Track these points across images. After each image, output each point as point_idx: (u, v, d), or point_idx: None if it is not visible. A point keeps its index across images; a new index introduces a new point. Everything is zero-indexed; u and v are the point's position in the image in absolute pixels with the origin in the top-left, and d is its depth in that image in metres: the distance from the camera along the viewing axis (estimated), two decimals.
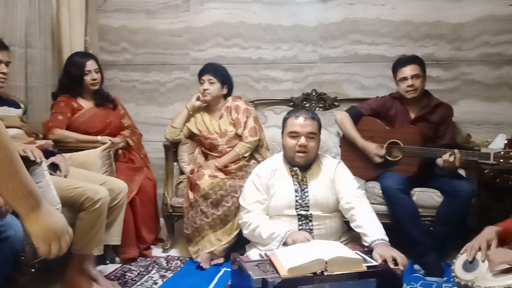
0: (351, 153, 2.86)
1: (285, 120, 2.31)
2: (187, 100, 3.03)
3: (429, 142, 2.76)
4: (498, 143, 2.94)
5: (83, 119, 2.86)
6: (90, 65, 2.86)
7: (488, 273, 1.65)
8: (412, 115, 2.79)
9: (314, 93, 3.37)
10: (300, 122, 2.23)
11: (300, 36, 3.42)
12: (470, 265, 1.78)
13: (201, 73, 2.93)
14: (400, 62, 2.75)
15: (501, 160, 2.40)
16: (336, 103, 3.33)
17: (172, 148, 2.96)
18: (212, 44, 3.52)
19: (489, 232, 1.85)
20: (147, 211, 2.84)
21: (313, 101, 3.36)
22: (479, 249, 1.79)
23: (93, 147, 2.67)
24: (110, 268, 2.60)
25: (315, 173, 2.28)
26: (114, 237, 2.46)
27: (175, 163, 3.00)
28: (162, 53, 3.60)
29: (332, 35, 3.38)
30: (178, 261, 2.72)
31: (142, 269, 2.59)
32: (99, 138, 2.80)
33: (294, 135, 2.23)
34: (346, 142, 2.92)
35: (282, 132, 2.31)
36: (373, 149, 2.74)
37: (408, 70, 2.69)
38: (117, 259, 2.68)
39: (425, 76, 2.77)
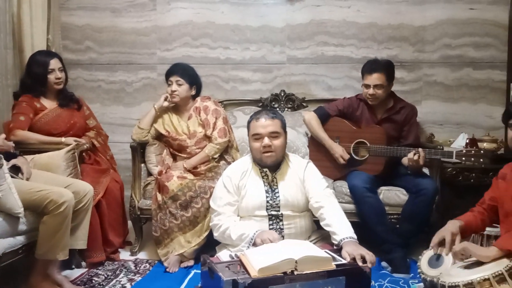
0: (320, 153, 2.90)
1: (248, 123, 2.33)
2: (155, 100, 2.99)
3: (394, 141, 2.84)
4: (459, 142, 3.06)
5: (46, 120, 2.78)
6: (54, 63, 2.78)
7: (452, 269, 1.71)
8: (378, 116, 2.86)
9: (282, 94, 3.40)
10: (261, 123, 2.24)
11: (268, 37, 3.44)
12: (435, 261, 1.84)
13: (169, 74, 2.90)
14: (368, 69, 2.78)
15: (463, 159, 2.49)
16: (304, 104, 3.37)
17: (139, 149, 2.91)
18: (179, 43, 3.49)
19: (453, 226, 1.92)
20: (114, 214, 2.79)
21: (282, 102, 3.39)
22: (443, 242, 1.86)
23: (57, 148, 2.61)
24: (76, 273, 2.53)
25: (284, 174, 2.30)
26: (80, 241, 2.40)
27: (142, 165, 2.95)
28: (128, 52, 3.54)
29: (299, 37, 3.41)
30: (147, 264, 2.68)
31: (110, 273, 2.53)
32: (63, 139, 2.73)
33: (258, 137, 2.24)
34: (314, 142, 2.96)
35: (248, 136, 2.32)
36: (339, 150, 2.79)
37: (372, 79, 2.73)
38: (83, 263, 2.62)
39: (391, 82, 2.81)
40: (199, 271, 2.09)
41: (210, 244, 2.47)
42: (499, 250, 1.62)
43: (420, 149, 2.57)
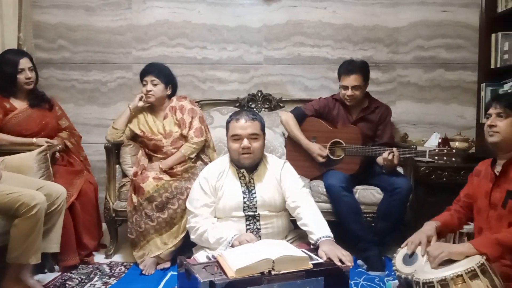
0: (296, 153, 2.92)
1: (227, 123, 2.31)
2: (130, 100, 2.95)
3: (369, 141, 2.88)
4: (432, 142, 3.13)
5: (17, 121, 2.71)
6: (24, 63, 2.71)
7: (426, 266, 1.74)
8: (353, 116, 2.90)
9: (259, 94, 3.40)
10: (241, 125, 2.23)
11: (245, 37, 3.44)
12: (409, 258, 1.87)
13: (143, 74, 2.86)
14: (345, 70, 2.80)
15: (436, 158, 2.54)
16: (281, 104, 3.39)
17: (114, 150, 2.87)
18: (156, 43, 3.46)
19: (429, 228, 1.97)
20: (88, 216, 2.74)
21: (259, 102, 3.39)
22: (419, 243, 1.89)
23: (28, 150, 2.55)
24: (49, 277, 2.48)
25: (262, 174, 2.30)
26: (53, 244, 2.35)
27: (117, 166, 2.91)
28: (103, 52, 3.48)
29: (276, 37, 3.43)
30: (122, 267, 2.64)
31: (84, 277, 2.49)
32: (34, 140, 2.68)
33: (237, 138, 2.23)
34: (291, 142, 2.97)
35: (227, 136, 2.31)
36: (316, 149, 2.81)
37: (350, 81, 2.77)
38: (57, 267, 2.57)
39: (367, 82, 2.86)
40: (176, 273, 2.08)
41: (187, 245, 2.45)
42: (472, 248, 1.65)
43: (394, 149, 2.61)
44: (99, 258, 2.77)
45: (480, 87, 3.17)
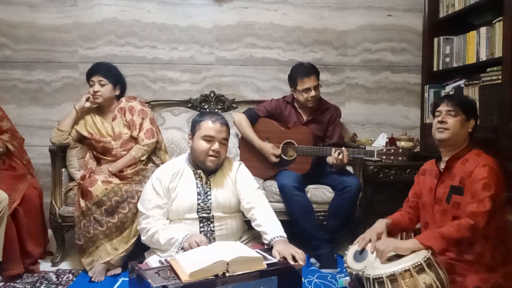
0: (250, 154, 2.93)
1: (198, 122, 2.25)
2: (77, 101, 2.84)
3: (320, 141, 2.94)
4: (380, 142, 3.24)
5: None
6: None
7: (376, 262, 1.80)
8: (304, 117, 2.95)
9: (212, 95, 3.38)
10: (216, 127, 2.20)
11: (197, 38, 3.41)
12: (360, 255, 1.93)
13: (90, 74, 2.77)
14: (303, 73, 2.85)
15: (383, 157, 2.63)
16: (234, 105, 3.39)
17: (59, 153, 2.76)
18: (103, 42, 3.36)
19: (380, 225, 2.04)
20: (32, 223, 2.63)
21: (212, 103, 3.38)
22: (370, 240, 1.95)
23: None
24: None
25: (218, 176, 2.28)
26: None
27: (63, 169, 2.80)
28: (48, 50, 3.34)
29: (228, 38, 3.42)
30: (70, 275, 2.55)
31: (29, 286, 2.38)
32: None
33: (209, 139, 2.19)
34: (244, 143, 2.98)
35: (193, 134, 2.26)
36: (269, 149, 2.84)
37: (311, 81, 2.83)
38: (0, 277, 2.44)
39: None
40: (127, 279, 2.02)
41: (139, 250, 2.39)
42: (417, 243, 1.73)
43: (343, 148, 2.68)
44: (45, 266, 2.67)
45: (424, 89, 3.33)
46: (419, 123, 3.46)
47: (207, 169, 2.23)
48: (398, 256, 1.75)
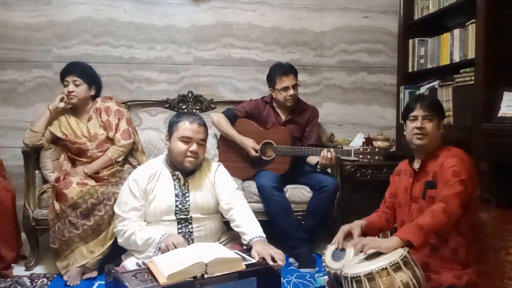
0: (229, 154, 2.93)
1: (175, 123, 2.22)
2: (50, 101, 2.78)
3: (298, 142, 2.96)
4: (356, 141, 3.28)
5: None
6: None
7: (354, 261, 1.82)
8: (283, 117, 2.96)
9: (190, 95, 3.36)
10: (194, 128, 2.18)
11: (174, 37, 3.38)
12: (338, 254, 1.94)
13: (64, 74, 2.71)
14: (282, 72, 2.87)
15: (360, 156, 2.67)
16: (212, 105, 3.38)
17: (33, 155, 2.69)
18: (78, 41, 3.30)
19: (355, 223, 2.05)
20: (5, 226, 2.56)
21: (190, 103, 3.36)
22: (343, 236, 1.97)
23: None
24: None
25: (196, 177, 2.26)
26: None
27: (37, 171, 2.74)
28: (20, 49, 3.26)
29: (206, 38, 3.41)
30: (45, 279, 2.49)
31: None
32: None
33: (187, 140, 2.16)
34: (223, 144, 2.97)
35: (170, 135, 2.23)
36: (250, 143, 2.85)
37: (290, 80, 2.85)
38: None
39: None
40: (103, 282, 1.99)
41: (116, 253, 2.35)
42: (400, 241, 1.74)
43: (332, 149, 2.70)
44: (18, 270, 2.61)
45: (399, 89, 3.38)
46: (395, 123, 3.52)
47: (185, 170, 2.21)
48: (375, 255, 1.77)
